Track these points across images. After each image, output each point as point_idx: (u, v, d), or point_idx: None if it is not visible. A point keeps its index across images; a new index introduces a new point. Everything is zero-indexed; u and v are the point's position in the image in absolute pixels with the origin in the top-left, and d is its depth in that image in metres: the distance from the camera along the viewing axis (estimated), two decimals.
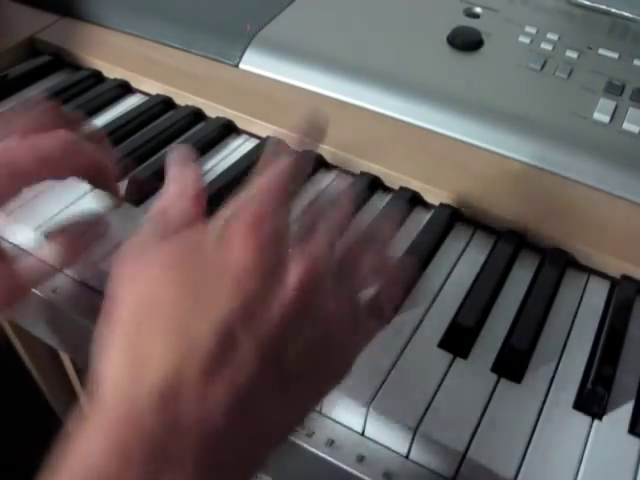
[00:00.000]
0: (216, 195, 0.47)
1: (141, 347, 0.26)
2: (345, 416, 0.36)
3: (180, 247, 0.28)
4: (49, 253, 0.36)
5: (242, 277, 0.26)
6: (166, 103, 0.57)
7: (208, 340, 0.25)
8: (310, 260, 0.27)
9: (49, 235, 0.37)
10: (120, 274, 0.28)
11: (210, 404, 0.25)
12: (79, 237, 0.37)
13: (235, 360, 0.25)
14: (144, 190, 0.47)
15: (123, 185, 0.48)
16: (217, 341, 0.25)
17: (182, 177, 0.33)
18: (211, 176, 0.49)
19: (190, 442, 0.24)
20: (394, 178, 0.49)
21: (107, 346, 0.27)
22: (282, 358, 0.26)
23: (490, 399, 0.36)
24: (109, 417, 0.25)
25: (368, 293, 0.32)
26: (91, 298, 0.42)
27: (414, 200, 0.49)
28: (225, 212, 0.29)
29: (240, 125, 0.55)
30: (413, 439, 0.34)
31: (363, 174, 0.50)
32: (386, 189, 0.50)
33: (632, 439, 0.35)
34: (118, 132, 0.53)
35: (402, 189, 0.49)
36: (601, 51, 0.57)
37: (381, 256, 0.33)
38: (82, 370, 0.71)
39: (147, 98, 0.58)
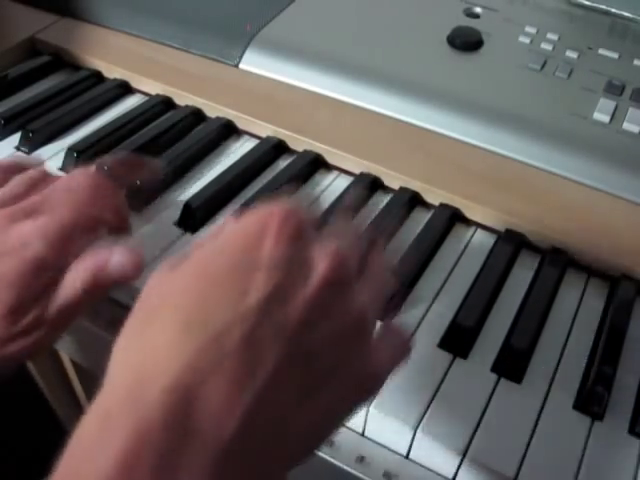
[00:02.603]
0: (216, 195, 0.47)
1: (151, 343, 0.24)
2: None
3: (211, 249, 0.27)
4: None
5: (271, 268, 0.25)
6: (166, 103, 0.57)
7: (230, 333, 0.23)
8: (334, 258, 0.27)
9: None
10: (150, 282, 0.27)
11: (227, 410, 0.22)
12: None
13: (254, 358, 0.23)
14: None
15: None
16: (240, 334, 0.23)
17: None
18: (211, 176, 0.49)
19: (202, 454, 0.22)
20: (394, 178, 0.49)
21: (119, 343, 0.25)
22: (306, 350, 0.25)
23: (490, 399, 0.36)
24: (114, 421, 0.22)
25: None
26: None
27: (414, 200, 0.49)
28: (256, 212, 0.28)
29: (240, 125, 0.55)
30: (413, 439, 0.34)
31: (363, 174, 0.50)
32: (386, 189, 0.50)
33: (632, 439, 0.35)
34: (118, 132, 0.53)
35: (402, 189, 0.49)
36: (601, 51, 0.57)
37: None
38: (82, 370, 0.71)
39: (147, 98, 0.58)
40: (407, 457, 0.35)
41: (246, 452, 0.23)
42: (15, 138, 0.52)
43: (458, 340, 0.39)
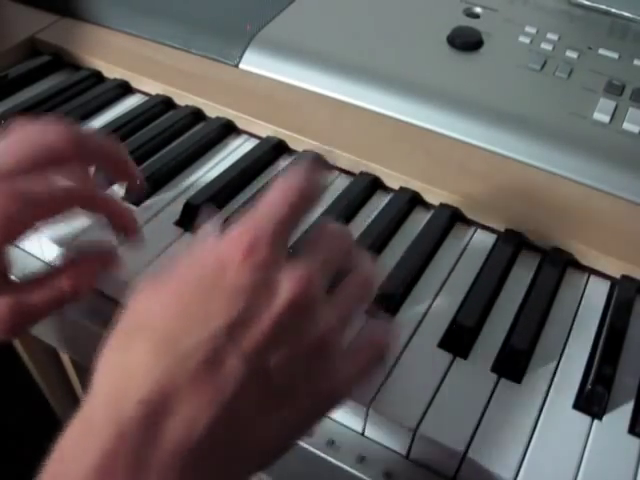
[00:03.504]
0: (216, 195, 0.47)
1: (130, 359, 0.27)
2: (345, 416, 0.36)
3: (185, 269, 0.30)
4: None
5: (234, 296, 0.27)
6: (166, 103, 0.57)
7: (196, 353, 0.26)
8: (299, 282, 0.28)
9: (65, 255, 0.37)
10: (133, 301, 0.30)
11: (195, 417, 0.26)
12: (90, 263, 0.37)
13: (221, 373, 0.26)
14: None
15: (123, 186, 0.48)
16: (204, 354, 0.26)
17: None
18: (211, 176, 0.49)
19: (174, 455, 0.25)
20: (394, 178, 0.49)
21: (101, 358, 0.28)
22: (266, 370, 0.27)
23: (490, 399, 0.36)
24: (96, 427, 0.26)
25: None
26: (91, 298, 0.42)
27: (414, 200, 0.49)
28: (229, 232, 0.30)
29: (240, 125, 0.55)
30: (413, 439, 0.34)
31: (363, 174, 0.50)
32: (386, 189, 0.50)
33: (632, 439, 0.35)
34: (118, 132, 0.53)
35: (402, 189, 0.49)
36: (601, 51, 0.57)
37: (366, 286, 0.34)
38: (82, 370, 0.71)
39: (147, 98, 0.58)
40: (407, 457, 0.35)
41: (210, 457, 0.26)
42: None
43: (458, 340, 0.39)
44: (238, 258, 0.28)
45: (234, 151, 0.53)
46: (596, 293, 0.43)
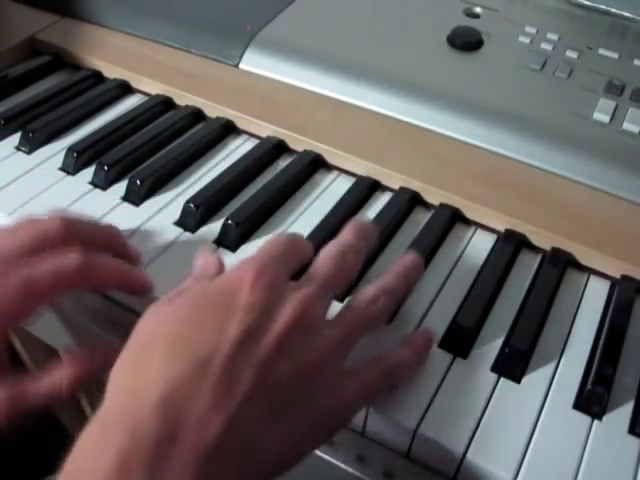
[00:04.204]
0: (216, 195, 0.47)
1: (144, 367, 0.29)
2: None
3: (198, 290, 0.33)
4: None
5: (245, 311, 0.30)
6: (166, 103, 0.57)
7: (209, 362, 0.28)
8: (299, 305, 0.31)
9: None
10: (146, 314, 0.32)
11: (207, 423, 0.27)
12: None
13: (232, 381, 0.28)
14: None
15: (123, 186, 0.48)
16: (217, 363, 0.28)
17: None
18: (211, 176, 0.49)
19: (188, 461, 0.26)
20: (394, 178, 0.49)
21: (117, 366, 0.30)
22: (274, 381, 0.29)
23: (490, 399, 0.36)
24: (111, 433, 0.27)
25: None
26: (91, 298, 0.43)
27: (414, 200, 0.49)
28: (238, 266, 0.33)
29: (240, 125, 0.55)
30: (413, 439, 0.34)
31: (363, 178, 0.50)
32: (386, 189, 0.50)
33: (632, 439, 0.35)
34: (118, 132, 0.53)
35: (402, 189, 0.49)
36: (601, 51, 0.57)
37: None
38: None
39: (147, 98, 0.58)
40: (407, 457, 0.35)
41: (222, 464, 0.27)
42: (15, 138, 0.52)
43: (458, 340, 0.39)
44: (249, 280, 0.31)
45: (234, 151, 0.53)
46: (596, 293, 0.43)
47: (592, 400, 0.36)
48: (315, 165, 0.51)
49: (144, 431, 0.26)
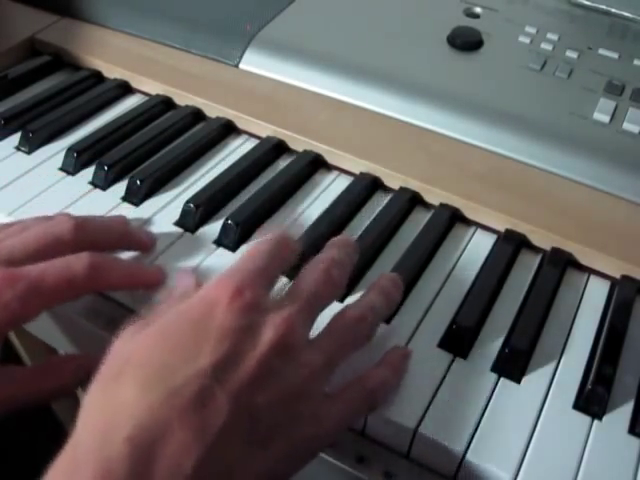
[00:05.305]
0: (216, 195, 0.47)
1: (116, 396, 0.27)
2: None
3: (171, 312, 0.31)
4: None
5: (221, 336, 0.28)
6: (166, 103, 0.57)
7: (183, 390, 0.27)
8: (281, 326, 0.30)
9: None
10: (117, 342, 0.30)
11: (182, 454, 0.25)
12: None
13: (207, 410, 0.27)
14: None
15: (123, 186, 0.48)
16: (191, 392, 0.27)
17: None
18: (211, 176, 0.49)
19: None
20: (394, 178, 0.49)
21: (86, 397, 0.28)
22: (252, 409, 0.28)
23: (490, 399, 0.36)
24: (81, 465, 0.25)
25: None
26: (91, 298, 0.42)
27: (414, 200, 0.49)
28: (215, 284, 0.31)
29: (240, 125, 0.55)
30: (413, 439, 0.34)
31: (363, 174, 0.50)
32: (386, 189, 0.50)
33: (632, 439, 0.35)
34: (118, 132, 0.53)
35: (402, 189, 0.49)
36: (601, 51, 0.57)
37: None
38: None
39: (147, 98, 0.58)
40: (407, 457, 0.35)
41: None
42: (15, 138, 0.52)
43: (458, 340, 0.38)
44: (225, 301, 0.29)
45: (234, 151, 0.53)
46: (596, 293, 0.43)
47: (592, 400, 0.36)
48: (315, 165, 0.51)
49: (115, 473, 0.25)
